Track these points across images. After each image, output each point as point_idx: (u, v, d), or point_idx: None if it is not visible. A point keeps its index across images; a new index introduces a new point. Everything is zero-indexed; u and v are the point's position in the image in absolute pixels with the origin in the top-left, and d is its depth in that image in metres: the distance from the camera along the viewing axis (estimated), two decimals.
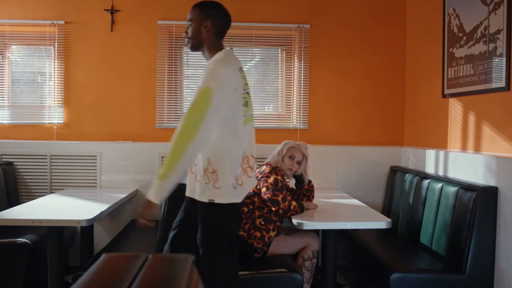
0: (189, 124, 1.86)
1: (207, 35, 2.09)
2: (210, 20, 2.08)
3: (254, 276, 2.57)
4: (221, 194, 1.99)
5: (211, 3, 2.15)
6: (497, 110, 2.75)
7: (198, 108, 1.88)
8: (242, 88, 2.03)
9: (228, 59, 2.04)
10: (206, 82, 1.92)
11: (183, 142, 1.85)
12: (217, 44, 2.12)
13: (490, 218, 2.63)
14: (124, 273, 0.81)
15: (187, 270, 0.84)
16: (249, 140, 2.13)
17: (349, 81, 4.02)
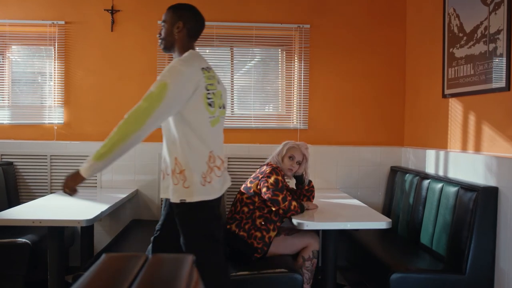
0: (137, 116, 1.90)
1: (179, 36, 2.12)
2: (182, 21, 2.11)
3: (254, 276, 2.57)
4: (190, 193, 2.01)
5: (185, 5, 2.18)
6: (497, 110, 2.75)
7: (150, 102, 1.91)
8: (205, 88, 2.02)
9: (191, 59, 2.06)
10: (163, 77, 1.95)
11: (127, 131, 1.90)
12: (188, 46, 2.15)
13: (490, 218, 2.63)
14: (125, 273, 0.81)
15: (187, 270, 0.84)
16: (218, 141, 2.12)
17: (349, 81, 4.02)
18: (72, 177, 1.99)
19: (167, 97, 1.92)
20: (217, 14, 3.93)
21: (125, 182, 3.85)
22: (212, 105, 2.05)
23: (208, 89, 2.04)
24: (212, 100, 2.05)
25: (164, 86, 1.92)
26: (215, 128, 2.08)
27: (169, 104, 1.93)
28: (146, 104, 1.92)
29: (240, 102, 4.07)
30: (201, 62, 2.09)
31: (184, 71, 1.97)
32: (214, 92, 2.08)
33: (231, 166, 3.91)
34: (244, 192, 2.87)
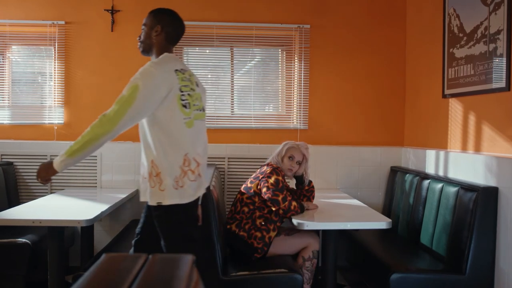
0: (110, 118, 1.96)
1: (157, 39, 2.15)
2: (161, 25, 2.15)
3: (254, 276, 2.57)
4: (165, 196, 2.03)
5: (165, 9, 2.23)
6: (498, 111, 2.75)
7: (121, 104, 1.96)
8: (179, 89, 2.03)
9: (164, 61, 2.08)
10: (135, 80, 1.99)
11: (99, 132, 1.96)
12: (166, 49, 2.17)
13: (490, 218, 2.63)
14: (125, 273, 0.81)
15: (187, 270, 0.84)
16: (195, 143, 2.12)
17: (350, 81, 4.02)
18: (45, 168, 2.09)
19: (138, 99, 1.95)
20: (217, 14, 3.93)
21: (125, 182, 3.85)
22: (187, 106, 2.07)
23: (182, 91, 2.05)
24: (187, 102, 2.07)
25: (135, 88, 1.96)
26: (191, 130, 2.09)
27: (141, 106, 1.97)
28: (117, 107, 1.97)
29: (240, 102, 4.07)
30: (175, 64, 2.10)
31: (155, 73, 1.99)
32: (190, 94, 2.09)
33: (231, 166, 3.91)
34: (244, 192, 2.87)
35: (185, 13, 3.94)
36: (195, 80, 2.21)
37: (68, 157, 2.00)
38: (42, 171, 2.10)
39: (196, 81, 2.22)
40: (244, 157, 3.92)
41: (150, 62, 2.05)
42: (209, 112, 4.05)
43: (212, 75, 4.08)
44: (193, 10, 3.93)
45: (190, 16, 3.94)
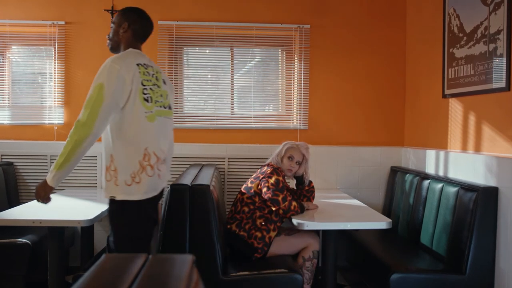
0: (84, 122, 1.97)
1: (124, 36, 2.19)
2: (128, 22, 2.18)
3: (254, 276, 2.57)
4: (119, 191, 2.04)
5: (132, 7, 2.25)
6: (498, 111, 2.75)
7: (92, 105, 1.97)
8: (141, 83, 2.05)
9: (125, 55, 2.09)
10: (99, 78, 2.01)
11: (79, 138, 1.97)
12: (133, 46, 2.19)
13: (490, 218, 2.63)
14: (125, 273, 0.81)
15: (187, 270, 0.84)
16: (156, 138, 2.11)
17: (350, 82, 4.02)
18: (41, 187, 2.08)
19: (106, 97, 1.97)
20: (217, 14, 3.94)
21: None
22: (149, 100, 2.08)
23: (144, 84, 2.06)
24: (149, 96, 2.08)
25: (101, 87, 1.98)
26: (153, 124, 2.09)
27: (110, 102, 1.99)
28: (88, 110, 1.97)
29: (240, 102, 4.07)
30: (138, 58, 2.12)
31: (116, 67, 2.01)
32: (152, 89, 2.10)
33: (231, 166, 3.92)
34: (244, 192, 2.87)
35: (185, 13, 3.96)
36: (163, 77, 2.24)
37: (58, 170, 2.01)
38: (39, 190, 2.10)
39: (164, 79, 2.25)
40: (244, 157, 3.92)
41: (109, 58, 2.06)
42: (209, 112, 4.05)
43: (212, 75, 4.08)
44: (193, 10, 3.93)
45: (190, 16, 3.95)
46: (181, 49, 3.98)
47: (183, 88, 4.01)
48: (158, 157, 2.10)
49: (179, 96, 3.99)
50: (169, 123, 2.25)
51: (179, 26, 3.92)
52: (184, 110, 4.02)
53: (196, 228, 2.53)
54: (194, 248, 2.50)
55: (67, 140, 1.99)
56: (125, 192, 2.03)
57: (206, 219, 2.52)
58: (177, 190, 2.53)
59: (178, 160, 3.88)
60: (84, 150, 2.01)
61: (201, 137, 3.94)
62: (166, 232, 2.52)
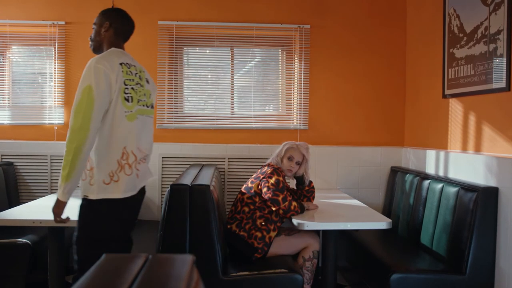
0: (80, 127, 1.94)
1: (105, 34, 2.21)
2: (109, 21, 2.21)
3: (254, 277, 2.57)
4: (93, 190, 2.04)
5: (113, 8, 2.30)
6: (498, 111, 2.75)
7: (84, 109, 1.95)
8: (123, 82, 2.06)
9: (107, 55, 2.09)
10: (85, 80, 2.00)
11: (79, 144, 1.95)
12: (115, 44, 2.21)
13: (490, 218, 2.63)
14: (125, 273, 0.81)
15: (188, 270, 0.84)
16: (135, 137, 2.12)
17: (350, 82, 4.02)
18: (55, 207, 2.04)
19: (96, 98, 1.97)
20: (217, 14, 3.94)
21: None
22: (130, 100, 2.08)
23: (126, 84, 2.07)
24: (130, 95, 2.09)
25: (89, 89, 1.97)
26: (133, 124, 2.09)
27: (101, 102, 1.99)
28: (81, 114, 1.95)
29: (240, 102, 4.07)
30: (121, 57, 2.12)
31: (101, 68, 2.01)
32: (134, 88, 2.11)
33: (231, 166, 3.92)
34: (245, 192, 2.87)
35: (185, 13, 3.96)
36: (146, 77, 2.25)
37: (66, 183, 1.97)
38: (54, 210, 2.04)
39: (147, 78, 2.26)
40: (244, 157, 3.92)
41: (93, 59, 2.06)
42: (209, 112, 4.05)
43: (212, 75, 4.08)
44: (193, 10, 3.93)
45: (190, 16, 3.95)
46: (181, 49, 3.98)
47: (183, 88, 4.01)
48: (136, 156, 2.11)
49: (180, 96, 3.99)
50: (150, 122, 2.27)
51: (179, 26, 3.92)
52: (184, 110, 4.02)
53: (196, 228, 2.52)
54: (194, 248, 2.50)
55: (66, 150, 1.97)
56: (104, 191, 2.02)
57: (206, 219, 2.52)
58: (177, 190, 2.53)
59: (178, 160, 3.88)
60: (86, 156, 1.99)
61: (201, 137, 3.94)
62: (166, 232, 2.52)
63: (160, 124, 3.91)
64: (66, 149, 1.97)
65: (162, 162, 3.87)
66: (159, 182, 3.87)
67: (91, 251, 1.99)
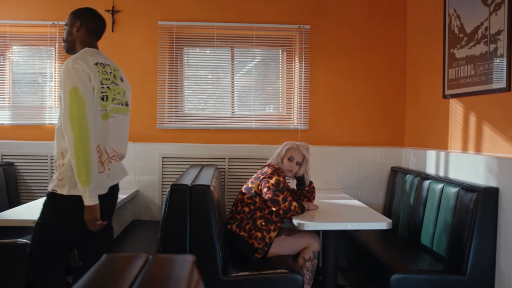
0: (80, 129, 1.96)
1: (77, 34, 2.21)
2: (80, 20, 2.20)
3: (254, 277, 2.57)
4: (64, 186, 2.04)
5: (84, 7, 2.28)
6: (498, 111, 2.75)
7: (77, 111, 1.97)
8: (100, 82, 2.08)
9: (83, 55, 2.10)
10: (68, 83, 2.00)
11: (83, 144, 1.96)
12: (88, 44, 2.21)
13: (491, 218, 2.63)
14: (125, 273, 0.81)
15: (188, 270, 0.84)
16: (109, 135, 2.14)
17: (350, 82, 4.02)
18: (87, 214, 2.03)
19: (85, 96, 1.99)
20: (217, 14, 3.94)
21: (125, 183, 3.83)
22: (105, 99, 2.11)
23: (102, 83, 2.10)
24: (105, 94, 2.11)
25: (75, 90, 1.98)
26: (107, 122, 2.12)
27: (90, 99, 2.01)
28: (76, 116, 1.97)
29: (240, 102, 4.07)
30: (96, 57, 2.13)
31: (79, 67, 2.03)
32: (109, 87, 2.14)
33: (232, 167, 3.92)
34: (245, 192, 2.87)
35: (186, 14, 3.96)
36: (120, 75, 2.27)
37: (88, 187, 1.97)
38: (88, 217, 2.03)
39: (121, 76, 2.28)
40: (245, 158, 3.92)
41: (69, 60, 2.06)
42: (210, 113, 4.06)
43: (213, 75, 4.08)
44: (194, 11, 3.94)
45: (190, 16, 3.95)
46: (181, 50, 3.99)
47: (184, 89, 4.01)
48: (108, 154, 2.14)
49: (180, 96, 3.99)
50: (125, 120, 2.29)
51: (179, 27, 3.92)
52: (185, 111, 4.02)
53: (196, 228, 2.53)
54: (194, 248, 2.50)
55: (75, 155, 1.95)
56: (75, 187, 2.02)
57: (207, 219, 2.52)
58: (178, 190, 2.53)
59: (178, 160, 3.89)
60: (94, 153, 2.00)
61: (202, 138, 3.94)
62: (166, 232, 2.52)
63: (160, 124, 3.91)
64: (75, 155, 1.95)
65: (163, 162, 3.88)
66: (159, 182, 3.87)
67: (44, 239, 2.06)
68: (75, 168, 1.96)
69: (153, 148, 3.87)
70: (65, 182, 2.04)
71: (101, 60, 2.15)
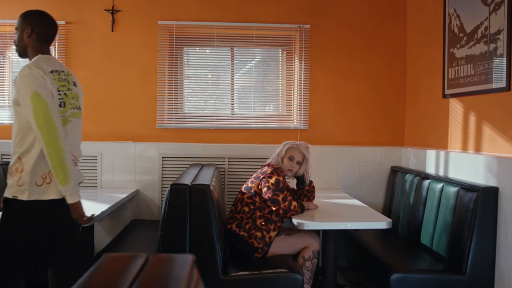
0: (48, 131, 1.97)
1: (28, 41, 2.18)
2: (30, 26, 2.17)
3: (254, 276, 2.57)
4: (22, 191, 2.04)
5: (34, 11, 2.24)
6: (498, 111, 2.75)
7: (41, 114, 1.98)
8: (57, 89, 2.10)
9: (38, 63, 2.10)
10: (27, 89, 2.01)
11: (54, 145, 1.98)
12: (40, 50, 2.20)
13: (490, 218, 2.63)
14: (125, 273, 0.81)
15: (188, 270, 0.84)
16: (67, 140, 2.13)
17: (350, 82, 4.02)
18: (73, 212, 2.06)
19: (47, 98, 2.01)
20: (217, 14, 3.94)
21: (125, 182, 3.85)
22: (62, 105, 2.13)
23: (59, 90, 2.11)
24: (63, 101, 2.13)
25: (37, 95, 2.00)
26: (65, 128, 2.14)
27: (52, 101, 2.03)
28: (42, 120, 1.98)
29: (240, 102, 4.07)
30: (50, 65, 2.14)
31: (34, 73, 2.04)
32: (66, 93, 2.15)
33: (232, 166, 3.92)
34: (245, 192, 2.87)
35: (185, 13, 3.96)
36: (73, 80, 2.27)
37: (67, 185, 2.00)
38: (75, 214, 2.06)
39: (74, 81, 2.28)
40: (245, 157, 3.92)
41: (25, 67, 2.06)
42: (209, 112, 4.06)
43: (213, 75, 4.08)
44: (193, 10, 3.93)
45: (190, 16, 3.95)
46: (181, 49, 3.98)
47: (183, 88, 4.01)
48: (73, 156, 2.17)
49: (180, 96, 3.99)
50: (79, 124, 2.32)
51: (179, 26, 3.92)
52: (184, 110, 4.02)
53: (196, 228, 2.53)
54: (194, 248, 2.51)
55: (49, 157, 1.98)
56: (35, 192, 2.03)
57: (206, 219, 2.52)
58: (177, 190, 2.53)
59: (178, 160, 3.88)
60: (68, 152, 2.02)
61: (202, 137, 3.94)
62: (166, 232, 2.52)
63: (160, 124, 3.91)
64: (48, 157, 1.98)
65: (162, 162, 3.87)
66: (159, 182, 3.87)
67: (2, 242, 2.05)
68: (52, 170, 1.99)
69: (153, 147, 3.87)
70: (25, 187, 2.03)
71: (56, 67, 2.16)
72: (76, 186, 2.04)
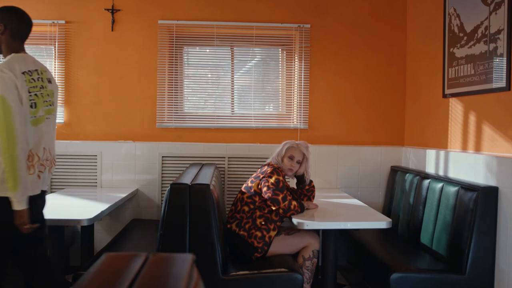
0: (7, 137, 1.98)
1: (1, 37, 2.18)
2: (3, 23, 2.17)
3: (254, 276, 2.57)
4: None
5: (7, 7, 2.22)
6: (498, 110, 2.75)
7: (3, 119, 1.99)
8: (27, 91, 2.10)
9: (10, 63, 2.11)
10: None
11: (11, 152, 1.98)
12: (14, 46, 2.20)
13: (490, 218, 2.63)
14: (125, 273, 0.81)
15: (187, 269, 0.84)
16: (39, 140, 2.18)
17: (350, 81, 4.02)
18: (17, 219, 2.05)
19: (13, 105, 2.01)
20: (217, 13, 3.93)
21: (125, 182, 3.85)
22: (33, 106, 2.14)
23: (30, 92, 2.12)
24: (34, 102, 2.14)
25: (2, 99, 2.00)
26: (39, 128, 2.16)
27: (18, 107, 2.03)
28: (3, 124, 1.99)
29: (240, 101, 4.07)
30: (23, 65, 2.14)
31: (4, 76, 2.04)
32: (37, 94, 2.16)
33: (231, 166, 3.92)
34: (244, 191, 2.87)
35: (185, 13, 3.96)
36: (48, 76, 2.28)
37: (16, 192, 2.00)
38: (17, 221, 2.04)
39: (49, 77, 2.29)
40: (245, 157, 3.92)
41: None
42: (209, 112, 4.06)
43: (212, 74, 4.08)
44: (193, 10, 3.93)
45: (190, 15, 3.95)
46: (181, 49, 3.98)
47: (183, 88, 4.01)
48: (39, 157, 2.18)
49: (180, 95, 3.99)
50: (53, 122, 2.31)
51: (179, 26, 3.92)
52: (184, 110, 4.02)
53: (196, 227, 2.53)
54: (194, 248, 2.51)
55: (3, 162, 1.99)
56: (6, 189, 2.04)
57: (206, 219, 2.53)
58: (177, 190, 2.54)
59: (178, 159, 3.89)
60: (23, 160, 2.03)
61: (201, 137, 3.94)
62: (166, 231, 2.52)
63: (160, 124, 3.91)
64: (3, 162, 1.99)
65: (162, 162, 3.88)
66: (159, 181, 3.87)
67: None
68: (5, 174, 2.00)
69: (153, 147, 3.87)
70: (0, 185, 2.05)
71: (29, 67, 2.16)
72: (24, 194, 2.04)
